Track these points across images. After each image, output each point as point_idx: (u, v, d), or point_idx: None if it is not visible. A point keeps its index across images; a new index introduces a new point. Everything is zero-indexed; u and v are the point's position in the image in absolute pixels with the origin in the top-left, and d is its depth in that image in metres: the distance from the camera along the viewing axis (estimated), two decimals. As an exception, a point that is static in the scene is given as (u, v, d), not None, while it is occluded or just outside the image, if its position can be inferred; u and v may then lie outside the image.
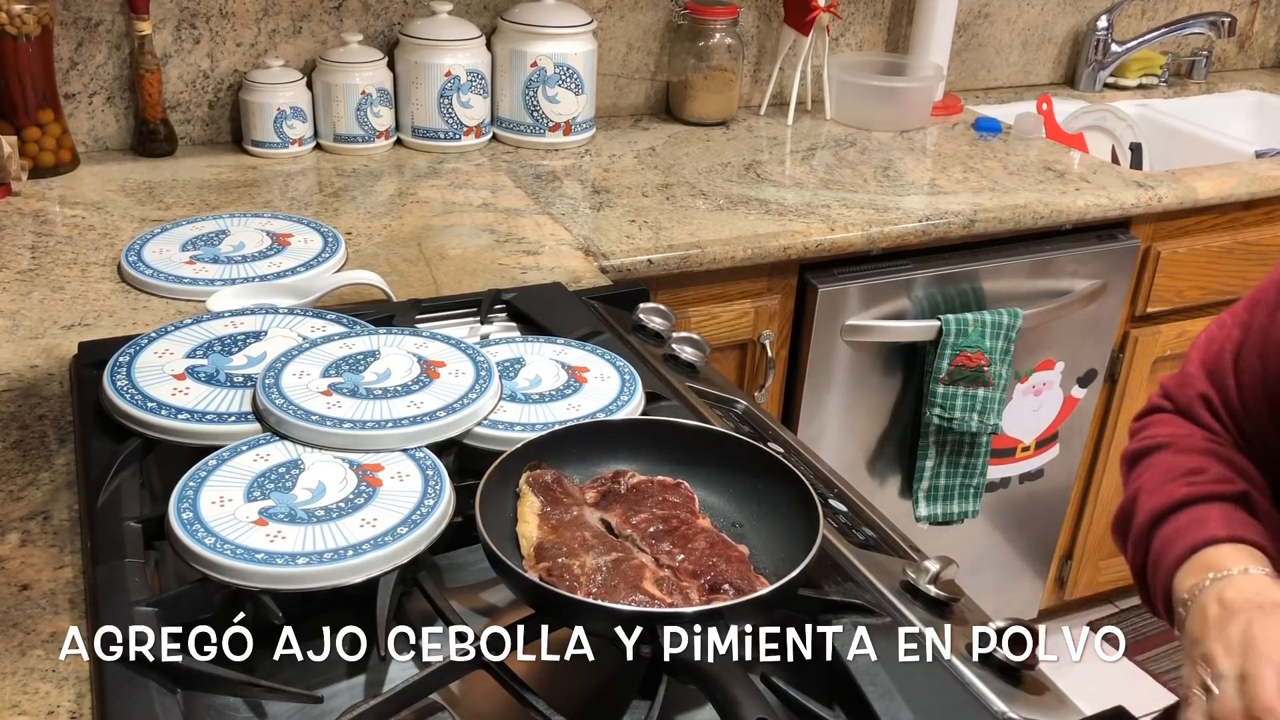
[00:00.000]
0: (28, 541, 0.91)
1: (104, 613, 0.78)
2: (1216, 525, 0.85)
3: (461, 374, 1.04)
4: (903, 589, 0.87)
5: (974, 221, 1.73)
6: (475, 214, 1.62)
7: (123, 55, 1.75)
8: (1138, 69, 2.55)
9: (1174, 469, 0.91)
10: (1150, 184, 1.90)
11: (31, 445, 1.04)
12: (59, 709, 0.76)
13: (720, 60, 2.04)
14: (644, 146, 1.96)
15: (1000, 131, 2.13)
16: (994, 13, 2.40)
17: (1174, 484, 0.89)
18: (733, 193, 1.75)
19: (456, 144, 1.88)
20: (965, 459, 1.85)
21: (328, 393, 0.99)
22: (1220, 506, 0.87)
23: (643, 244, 1.55)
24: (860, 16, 2.27)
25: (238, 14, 1.79)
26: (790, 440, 1.07)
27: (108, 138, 1.80)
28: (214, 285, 1.31)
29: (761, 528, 0.89)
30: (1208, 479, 0.89)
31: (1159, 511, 0.90)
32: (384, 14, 1.89)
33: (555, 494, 0.89)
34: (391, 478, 0.91)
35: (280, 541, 0.82)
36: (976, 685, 0.78)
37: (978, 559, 2.07)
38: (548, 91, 1.88)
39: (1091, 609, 2.42)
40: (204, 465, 0.91)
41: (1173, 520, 0.88)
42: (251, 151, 1.81)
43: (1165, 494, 0.90)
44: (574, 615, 0.77)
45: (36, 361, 1.17)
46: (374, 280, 1.28)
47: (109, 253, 1.43)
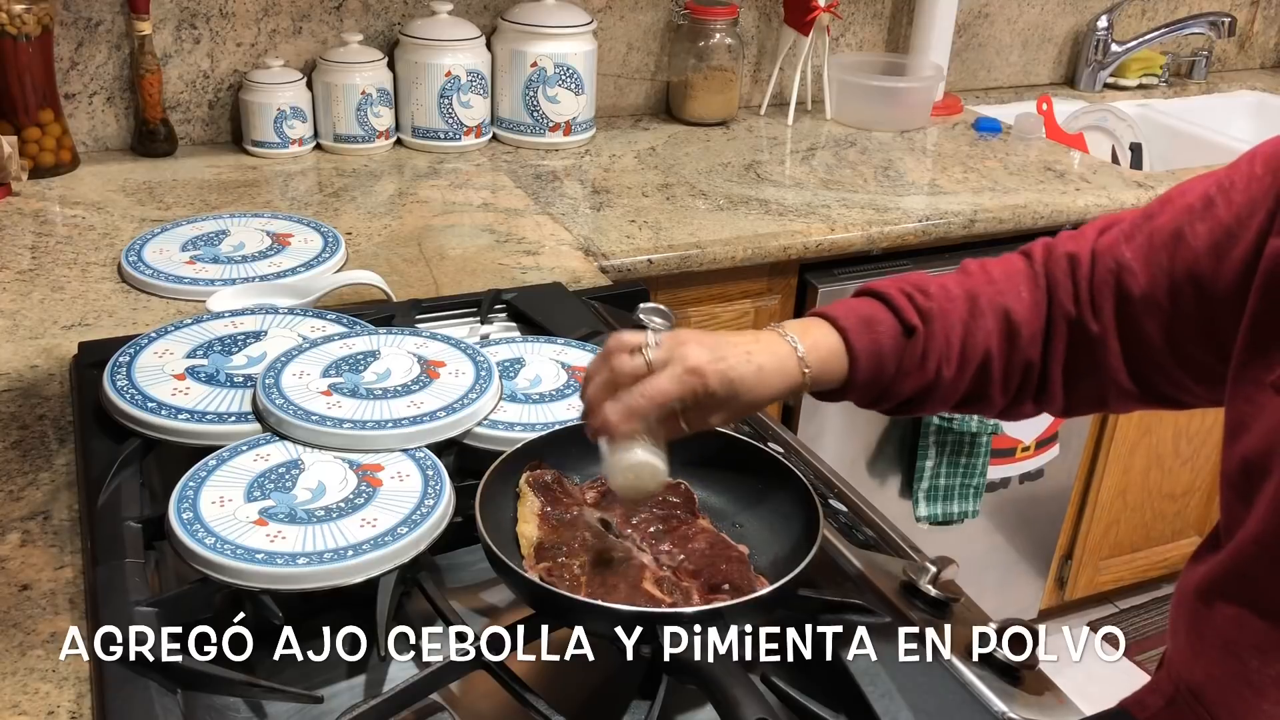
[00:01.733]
0: (28, 541, 0.91)
1: (104, 613, 0.78)
2: (844, 312, 0.88)
3: (461, 374, 1.04)
4: (903, 589, 0.87)
5: (974, 221, 1.73)
6: (475, 214, 1.62)
7: (123, 55, 1.75)
8: (1138, 69, 2.55)
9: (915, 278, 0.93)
10: (1150, 184, 1.90)
11: (31, 445, 1.04)
12: (59, 709, 0.76)
13: (720, 60, 2.04)
14: (644, 146, 1.96)
15: (1000, 131, 2.13)
16: (994, 13, 2.40)
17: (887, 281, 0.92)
18: (733, 193, 1.75)
19: (456, 144, 1.88)
20: (965, 459, 1.85)
21: (328, 393, 0.99)
22: (863, 300, 0.90)
23: (643, 244, 1.55)
24: (860, 16, 2.27)
25: (238, 14, 1.79)
26: (790, 440, 1.07)
27: (108, 138, 1.80)
28: (214, 285, 1.31)
29: (761, 528, 0.89)
30: (898, 281, 0.90)
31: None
32: (384, 14, 1.89)
33: (555, 494, 0.89)
34: (391, 478, 0.91)
35: (280, 541, 0.82)
36: (976, 685, 0.78)
37: (978, 559, 2.07)
38: (548, 91, 1.88)
39: (1091, 609, 2.42)
40: (204, 465, 0.91)
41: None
42: (251, 151, 1.81)
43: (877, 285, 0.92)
44: (574, 615, 0.77)
45: (36, 361, 1.17)
46: (374, 280, 1.28)
47: (109, 253, 1.43)
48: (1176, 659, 0.88)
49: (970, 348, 0.88)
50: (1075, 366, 0.89)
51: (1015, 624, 0.81)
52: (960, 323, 0.88)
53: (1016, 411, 0.92)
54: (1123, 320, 0.86)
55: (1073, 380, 0.89)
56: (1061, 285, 0.88)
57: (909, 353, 0.87)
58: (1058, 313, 0.88)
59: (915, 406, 0.90)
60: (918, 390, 0.88)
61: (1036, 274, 0.90)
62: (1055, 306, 0.88)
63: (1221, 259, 0.81)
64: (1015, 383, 0.89)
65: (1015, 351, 0.88)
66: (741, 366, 0.82)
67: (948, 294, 0.89)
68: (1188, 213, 0.84)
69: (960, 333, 0.88)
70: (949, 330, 0.88)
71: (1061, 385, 0.89)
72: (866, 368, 0.86)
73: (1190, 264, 0.82)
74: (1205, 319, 0.82)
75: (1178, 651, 0.88)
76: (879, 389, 0.88)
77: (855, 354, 0.86)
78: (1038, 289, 0.89)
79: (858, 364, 0.86)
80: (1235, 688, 0.82)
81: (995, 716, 0.76)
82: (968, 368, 0.88)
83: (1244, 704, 0.81)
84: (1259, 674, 0.80)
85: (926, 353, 0.87)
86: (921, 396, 0.89)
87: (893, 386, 0.88)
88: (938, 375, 0.87)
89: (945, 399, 0.90)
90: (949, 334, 0.87)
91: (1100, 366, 0.87)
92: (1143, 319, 0.85)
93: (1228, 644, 0.82)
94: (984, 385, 0.89)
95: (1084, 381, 0.89)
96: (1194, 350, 0.84)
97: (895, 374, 0.87)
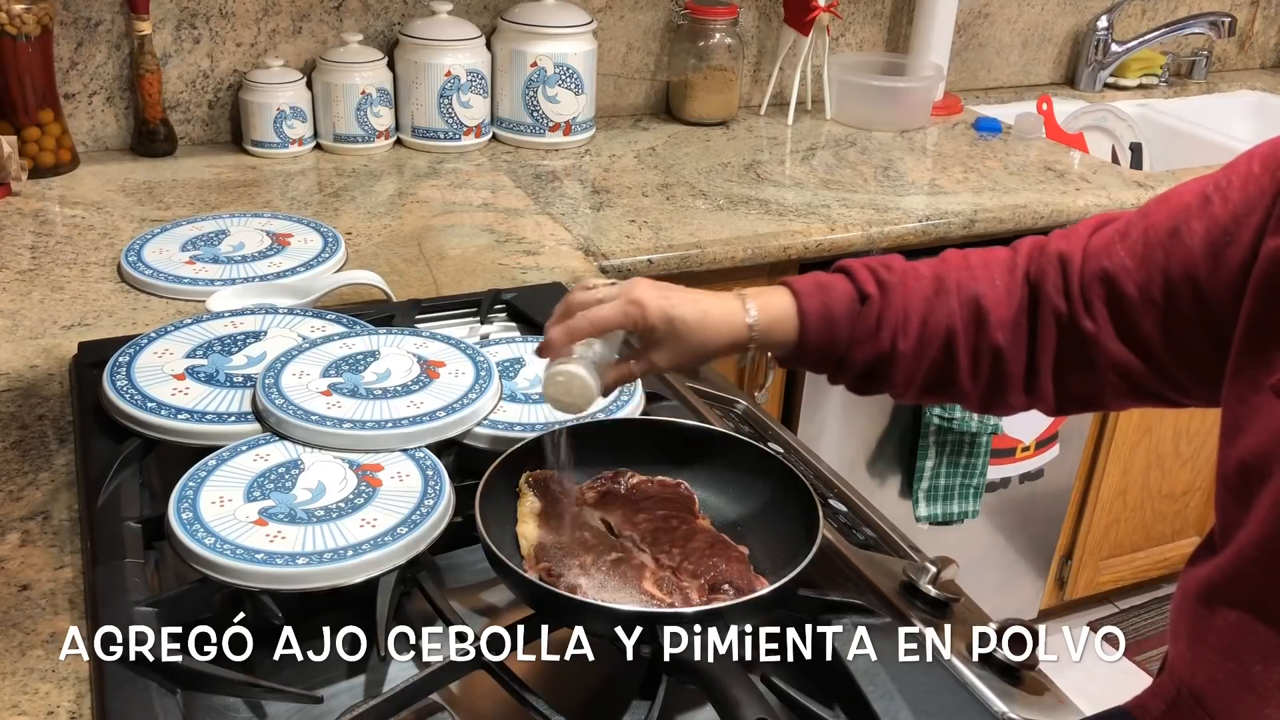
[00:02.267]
0: (28, 541, 0.91)
1: (104, 613, 0.78)
2: (802, 277, 0.91)
3: (461, 374, 1.04)
4: (903, 589, 0.87)
5: (974, 221, 1.73)
6: (475, 214, 1.62)
7: (123, 55, 1.75)
8: (1138, 69, 2.55)
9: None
10: (1150, 184, 1.90)
11: (31, 445, 1.04)
12: (59, 709, 0.76)
13: (720, 60, 2.04)
14: (644, 146, 1.96)
15: (1000, 131, 2.13)
16: (994, 13, 2.40)
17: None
18: (733, 193, 1.75)
19: (456, 144, 1.88)
20: (965, 459, 1.85)
21: (328, 393, 0.99)
22: (825, 272, 0.92)
23: (643, 244, 1.55)
24: (860, 16, 2.27)
25: (238, 14, 1.79)
26: (790, 440, 1.07)
27: (108, 138, 1.80)
28: (214, 285, 1.31)
29: (761, 528, 0.89)
30: (868, 260, 0.92)
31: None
32: (384, 14, 1.89)
33: (555, 494, 0.89)
34: (391, 478, 0.91)
35: (280, 541, 0.82)
36: (976, 685, 0.78)
37: (978, 559, 2.07)
38: (548, 91, 1.88)
39: (1091, 609, 2.42)
40: (204, 465, 0.91)
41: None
42: (251, 151, 1.81)
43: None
44: (574, 615, 0.77)
45: (36, 361, 1.17)
46: (374, 280, 1.28)
47: (109, 253, 1.43)
48: (1178, 662, 0.88)
49: (931, 325, 0.89)
50: (1066, 363, 0.89)
51: (1015, 624, 0.81)
52: (922, 299, 0.89)
53: (998, 404, 0.92)
54: (1117, 318, 0.86)
55: (1063, 377, 0.89)
56: (1051, 281, 0.88)
57: (862, 319, 0.88)
58: (1046, 309, 0.88)
59: (877, 381, 0.92)
60: (872, 360, 0.89)
61: (1016, 265, 0.90)
62: (1042, 302, 0.88)
63: (1217, 258, 0.81)
64: (985, 370, 0.90)
65: (982, 337, 0.89)
66: (684, 307, 0.86)
67: (915, 273, 0.91)
68: (1184, 211, 0.83)
69: (921, 309, 0.89)
70: (907, 304, 0.89)
71: (1051, 381, 0.89)
72: (816, 330, 0.88)
73: (1186, 262, 0.82)
74: (1202, 317, 0.82)
75: (1179, 655, 0.88)
76: (834, 356, 0.90)
77: (805, 315, 0.88)
78: (1014, 279, 0.90)
79: (808, 325, 0.88)
80: (1237, 693, 0.82)
81: (995, 716, 0.76)
82: (929, 346, 0.89)
83: (1247, 709, 0.81)
84: (1262, 679, 0.80)
85: (881, 321, 0.88)
86: (879, 369, 0.90)
87: (848, 355, 0.89)
88: (893, 346, 0.88)
89: (908, 376, 0.90)
90: (907, 307, 0.89)
91: (1093, 364, 0.87)
92: (1138, 317, 0.85)
93: (1230, 649, 0.82)
94: (949, 368, 0.90)
95: (1075, 378, 0.89)
96: (1191, 349, 0.84)
97: (849, 340, 0.89)
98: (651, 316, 0.85)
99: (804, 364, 0.92)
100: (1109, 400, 0.90)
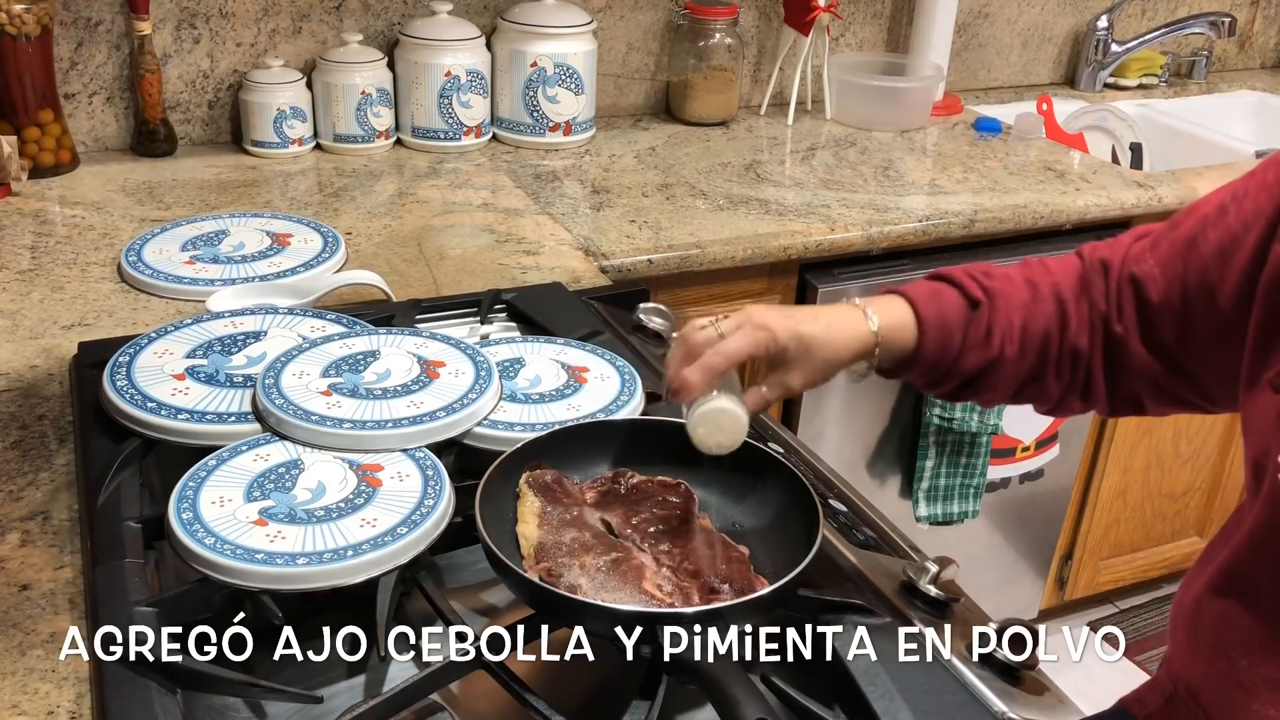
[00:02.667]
0: (28, 541, 0.91)
1: (104, 613, 0.78)
2: (913, 286, 0.92)
3: (461, 374, 1.04)
4: (903, 589, 0.87)
5: (974, 221, 1.73)
6: (475, 214, 1.62)
7: (123, 55, 1.75)
8: (1138, 69, 2.55)
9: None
10: (1150, 184, 1.90)
11: (31, 445, 1.04)
12: (59, 709, 0.76)
13: (720, 60, 2.04)
14: (644, 146, 1.96)
15: (1000, 131, 2.13)
16: (994, 13, 2.40)
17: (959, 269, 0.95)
18: (733, 193, 1.75)
19: (456, 144, 1.88)
20: (965, 459, 1.85)
21: (328, 393, 0.99)
22: (929, 280, 0.93)
23: (643, 244, 1.55)
24: (860, 16, 2.27)
25: (238, 14, 1.79)
26: (790, 440, 1.07)
27: (108, 138, 1.80)
28: (214, 285, 1.31)
29: (762, 528, 0.89)
30: (962, 268, 0.93)
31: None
32: (384, 14, 1.89)
33: (555, 494, 0.89)
34: (391, 478, 0.91)
35: (280, 542, 0.82)
36: (976, 685, 0.78)
37: (978, 559, 2.07)
38: (548, 91, 1.88)
39: (1091, 609, 2.42)
40: (204, 465, 0.91)
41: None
42: (251, 151, 1.81)
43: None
44: (574, 615, 0.77)
45: (36, 361, 1.17)
46: (374, 280, 1.28)
47: (109, 253, 1.43)
48: (1176, 657, 0.89)
49: (1031, 330, 0.90)
50: (1109, 364, 0.91)
51: (1015, 624, 0.81)
52: (1022, 305, 0.90)
53: (1066, 404, 0.94)
54: (1143, 324, 0.88)
55: (1110, 378, 0.92)
56: (1095, 285, 0.91)
57: (974, 326, 0.89)
58: (1094, 311, 0.91)
59: (976, 388, 0.93)
60: (981, 366, 0.90)
61: (1084, 271, 0.93)
62: (1093, 305, 0.91)
63: (1227, 265, 0.82)
64: (1067, 370, 0.92)
65: (1067, 338, 0.91)
66: (810, 323, 0.86)
67: (1009, 279, 0.92)
68: (1203, 221, 0.85)
69: (1022, 315, 0.90)
70: (1010, 310, 0.90)
71: (1103, 381, 0.92)
72: (934, 337, 0.89)
73: (1201, 270, 0.84)
74: (1217, 324, 0.83)
75: (1177, 650, 0.88)
76: (945, 363, 0.90)
77: (923, 322, 0.89)
78: (1080, 285, 0.92)
79: (926, 332, 0.88)
80: (1226, 688, 0.82)
81: (995, 716, 0.76)
82: (1029, 349, 0.90)
83: (1235, 704, 0.82)
84: (1248, 674, 0.80)
85: (991, 328, 0.89)
86: (984, 375, 0.91)
87: (958, 361, 0.90)
88: (1001, 353, 0.90)
89: (1006, 381, 0.92)
90: (1010, 313, 0.90)
91: (1127, 368, 0.90)
92: (1159, 324, 0.87)
93: (1218, 643, 0.82)
94: (1043, 369, 0.91)
95: (1120, 380, 0.91)
96: (1210, 355, 0.85)
97: (961, 347, 0.89)
98: (782, 337, 0.85)
99: (913, 372, 0.92)
100: (1149, 404, 0.92)
